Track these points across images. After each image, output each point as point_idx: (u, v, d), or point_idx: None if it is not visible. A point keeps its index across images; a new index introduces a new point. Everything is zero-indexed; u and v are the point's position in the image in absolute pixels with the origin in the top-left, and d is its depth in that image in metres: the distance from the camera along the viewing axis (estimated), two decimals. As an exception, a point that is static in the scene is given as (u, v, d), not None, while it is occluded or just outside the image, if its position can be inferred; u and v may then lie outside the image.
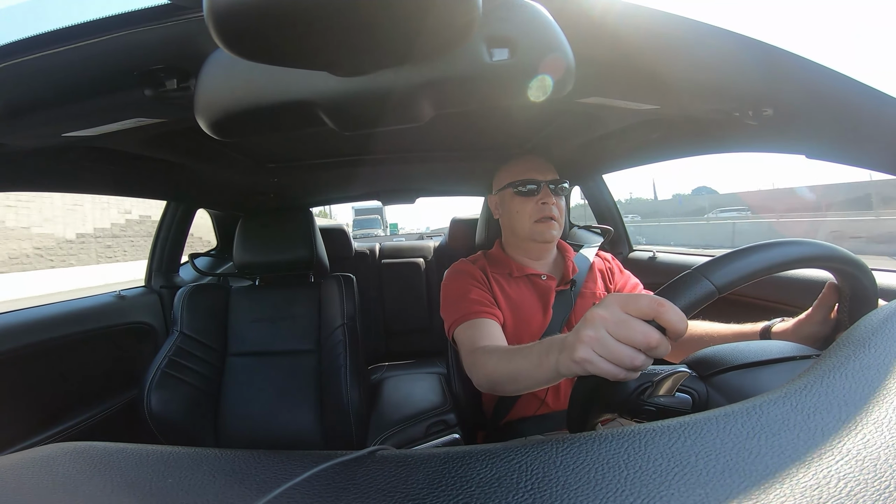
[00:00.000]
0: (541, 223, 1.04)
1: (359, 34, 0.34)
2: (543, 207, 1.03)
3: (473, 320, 0.93)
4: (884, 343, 0.37)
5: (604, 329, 0.45)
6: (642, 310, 0.44)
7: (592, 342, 0.46)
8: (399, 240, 3.20)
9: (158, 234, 1.78)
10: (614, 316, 0.45)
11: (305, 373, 1.38)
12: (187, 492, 0.32)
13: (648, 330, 0.43)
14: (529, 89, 0.47)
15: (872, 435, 0.28)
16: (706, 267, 0.47)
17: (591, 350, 0.46)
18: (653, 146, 1.20)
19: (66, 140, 0.76)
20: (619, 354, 0.44)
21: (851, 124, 0.68)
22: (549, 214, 1.03)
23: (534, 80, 0.46)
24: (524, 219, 1.05)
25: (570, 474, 0.28)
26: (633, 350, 0.43)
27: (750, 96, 0.70)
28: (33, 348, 1.18)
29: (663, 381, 0.46)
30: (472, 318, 0.94)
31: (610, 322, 0.45)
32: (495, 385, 0.77)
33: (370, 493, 0.30)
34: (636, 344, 0.43)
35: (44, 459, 0.38)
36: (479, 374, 0.81)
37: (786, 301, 1.03)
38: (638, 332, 0.43)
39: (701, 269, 0.47)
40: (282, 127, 0.57)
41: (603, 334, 0.45)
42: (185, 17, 0.50)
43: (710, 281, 0.45)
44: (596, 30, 0.54)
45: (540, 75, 0.45)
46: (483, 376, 0.80)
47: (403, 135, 1.21)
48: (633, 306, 0.44)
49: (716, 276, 0.46)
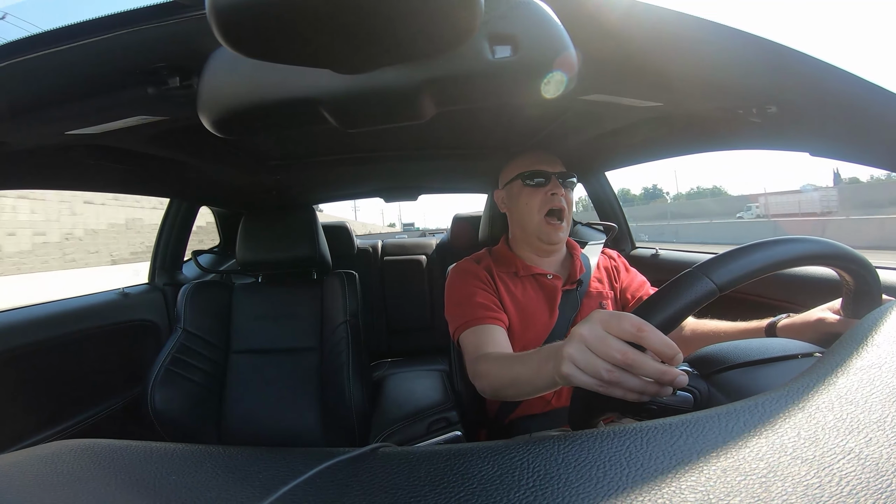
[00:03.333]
0: (549, 224, 1.03)
1: (361, 32, 0.33)
2: (553, 199, 1.02)
3: (478, 326, 0.93)
4: (887, 340, 0.37)
5: (584, 345, 0.46)
6: (623, 331, 0.44)
7: (573, 358, 0.47)
8: (402, 237, 3.20)
9: (161, 232, 1.79)
10: (593, 333, 0.46)
11: (308, 370, 1.39)
12: (191, 489, 0.33)
13: (625, 348, 0.44)
14: (532, 87, 0.47)
15: (875, 433, 0.28)
16: (707, 265, 0.47)
17: (572, 365, 0.47)
18: (656, 143, 1.20)
19: (69, 138, 0.76)
20: (597, 369, 0.45)
21: (856, 122, 0.68)
22: (559, 206, 1.02)
23: (536, 78, 0.46)
24: (533, 211, 1.04)
25: (573, 471, 0.29)
26: (611, 366, 0.44)
27: (754, 94, 0.70)
28: (37, 346, 1.19)
29: None
30: (478, 325, 0.93)
31: (589, 339, 0.46)
32: (498, 391, 0.78)
33: (373, 489, 0.30)
34: (614, 361, 0.44)
35: (48, 457, 0.38)
36: (482, 381, 0.82)
37: (789, 299, 1.03)
38: (614, 349, 0.44)
39: (702, 268, 0.47)
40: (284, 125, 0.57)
41: (582, 350, 0.46)
42: (187, 16, 0.50)
43: (711, 279, 0.45)
44: (599, 27, 0.54)
45: (542, 73, 0.45)
46: (486, 383, 0.81)
47: (406, 132, 1.21)
48: (615, 326, 0.45)
49: (716, 275, 0.46)
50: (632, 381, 0.44)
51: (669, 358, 0.43)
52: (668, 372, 0.43)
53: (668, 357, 0.43)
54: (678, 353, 0.43)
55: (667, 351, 0.43)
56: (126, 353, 1.51)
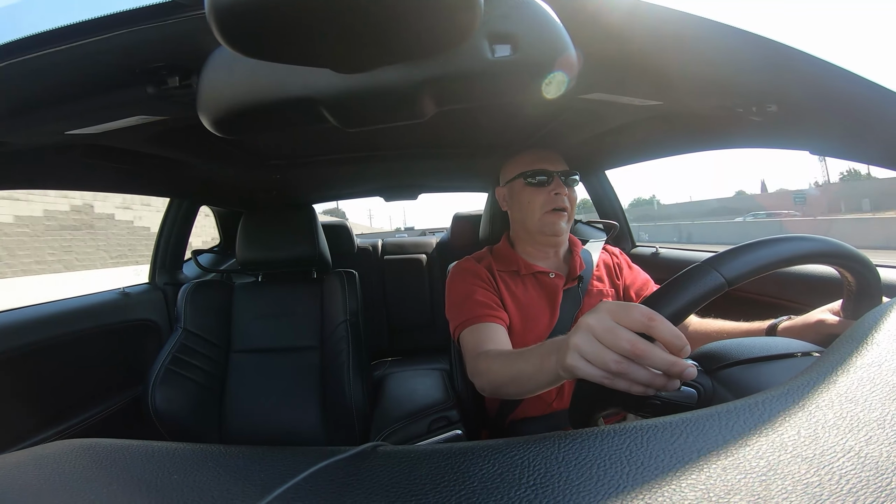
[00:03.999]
0: (551, 214, 1.01)
1: (361, 31, 0.33)
2: (556, 198, 1.01)
3: (479, 324, 0.92)
4: (887, 339, 0.37)
5: (591, 335, 0.46)
6: (633, 321, 0.44)
7: (579, 348, 0.47)
8: (402, 236, 3.20)
9: (162, 232, 1.79)
10: (602, 323, 0.45)
11: (308, 369, 1.39)
12: (192, 488, 0.33)
13: (634, 338, 0.43)
14: (532, 86, 0.47)
15: (875, 432, 0.28)
16: (716, 260, 0.47)
17: (577, 356, 0.47)
18: (656, 142, 1.20)
19: (69, 138, 0.76)
20: (605, 360, 0.44)
21: (856, 120, 0.68)
22: (561, 205, 1.01)
23: (536, 77, 0.46)
24: (535, 210, 1.03)
25: (573, 470, 0.29)
26: (619, 357, 0.43)
27: (754, 92, 0.70)
28: (37, 346, 1.19)
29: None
30: (478, 323, 0.93)
31: (598, 329, 0.45)
32: (498, 389, 0.77)
33: (373, 488, 0.30)
34: (622, 352, 0.43)
35: (49, 457, 0.38)
36: (481, 378, 0.81)
37: (790, 298, 1.03)
38: (623, 339, 0.43)
39: (711, 262, 0.47)
40: (284, 124, 0.57)
41: (590, 340, 0.46)
42: (186, 15, 0.50)
43: (721, 273, 0.45)
44: (599, 26, 0.54)
45: (542, 72, 0.45)
46: (486, 381, 0.80)
47: (406, 131, 1.21)
48: (624, 317, 0.44)
49: (725, 269, 0.46)
50: (640, 373, 0.43)
51: (678, 349, 0.42)
52: (677, 363, 0.42)
53: (678, 348, 0.42)
54: (687, 345, 0.43)
55: (676, 342, 0.42)
56: (127, 352, 1.52)
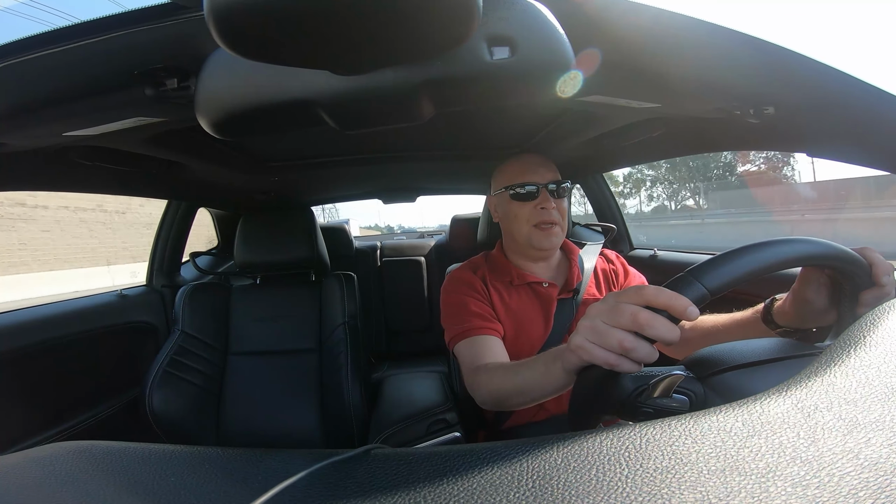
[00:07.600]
0: (540, 229, 0.98)
1: (359, 33, 0.33)
2: (542, 213, 0.97)
3: (473, 337, 0.91)
4: (884, 339, 0.37)
5: (598, 318, 0.48)
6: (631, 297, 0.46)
7: (585, 331, 0.49)
8: (400, 238, 3.20)
9: (160, 234, 1.78)
10: (607, 304, 0.48)
11: (307, 372, 1.38)
12: (189, 491, 0.33)
13: (635, 309, 0.45)
14: (530, 88, 0.47)
15: (873, 433, 0.27)
16: (698, 270, 0.47)
17: (583, 338, 0.49)
18: (654, 144, 1.20)
19: (67, 139, 0.76)
20: (609, 338, 0.46)
21: (853, 122, 0.68)
22: (549, 220, 0.97)
23: (535, 80, 0.46)
24: (522, 224, 0.99)
25: (571, 472, 0.28)
26: (623, 332, 0.45)
27: (751, 95, 0.70)
28: (34, 347, 1.18)
29: (659, 383, 0.46)
30: (473, 335, 0.92)
31: (603, 311, 0.48)
32: (501, 401, 0.77)
33: (371, 491, 0.30)
34: (624, 325, 0.45)
35: (46, 459, 0.38)
36: (481, 392, 0.80)
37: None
38: (626, 313, 0.45)
39: (693, 272, 0.47)
40: (282, 126, 0.57)
41: (596, 322, 0.48)
42: (185, 17, 0.50)
43: (702, 284, 0.46)
44: (597, 28, 0.54)
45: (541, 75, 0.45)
46: (486, 394, 0.79)
47: (404, 133, 1.21)
48: (625, 295, 0.47)
49: (707, 279, 0.46)
50: (644, 349, 0.45)
51: (682, 309, 0.43)
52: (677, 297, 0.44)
53: (682, 308, 0.43)
54: (690, 305, 0.43)
55: (678, 302, 0.43)
56: (124, 354, 1.51)
